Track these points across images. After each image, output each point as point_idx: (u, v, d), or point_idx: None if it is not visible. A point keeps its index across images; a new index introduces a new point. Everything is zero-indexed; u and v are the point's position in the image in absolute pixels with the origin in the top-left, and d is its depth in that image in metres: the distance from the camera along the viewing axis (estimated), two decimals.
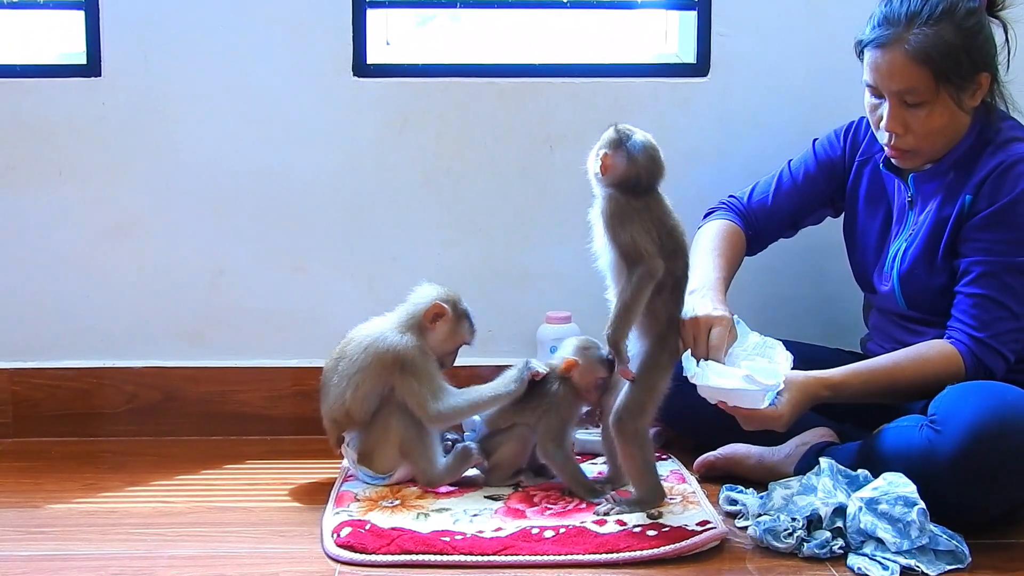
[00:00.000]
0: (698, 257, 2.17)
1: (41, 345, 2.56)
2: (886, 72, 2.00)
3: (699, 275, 2.11)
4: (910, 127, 2.03)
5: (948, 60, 1.97)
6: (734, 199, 2.35)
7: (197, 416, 2.56)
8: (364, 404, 2.15)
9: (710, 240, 2.25)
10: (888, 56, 1.99)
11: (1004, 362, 2.00)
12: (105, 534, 2.00)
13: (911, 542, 1.81)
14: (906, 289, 2.12)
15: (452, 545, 1.88)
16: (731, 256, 2.23)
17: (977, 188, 2.02)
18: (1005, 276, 1.99)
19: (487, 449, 2.17)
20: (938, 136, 2.04)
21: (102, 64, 2.49)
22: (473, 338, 2.24)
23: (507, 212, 2.57)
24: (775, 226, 2.33)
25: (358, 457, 2.16)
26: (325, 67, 2.51)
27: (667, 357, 1.99)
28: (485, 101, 2.54)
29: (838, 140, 2.28)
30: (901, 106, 2.02)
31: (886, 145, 2.08)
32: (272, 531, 2.01)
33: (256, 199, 2.55)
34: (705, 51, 2.55)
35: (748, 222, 2.31)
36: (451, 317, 2.19)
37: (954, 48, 1.97)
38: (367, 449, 2.15)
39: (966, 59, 1.98)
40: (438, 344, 2.19)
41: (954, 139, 2.06)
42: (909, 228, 2.13)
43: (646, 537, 1.89)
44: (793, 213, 2.32)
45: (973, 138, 2.05)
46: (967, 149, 2.05)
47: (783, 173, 2.32)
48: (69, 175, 2.52)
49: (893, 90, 2.01)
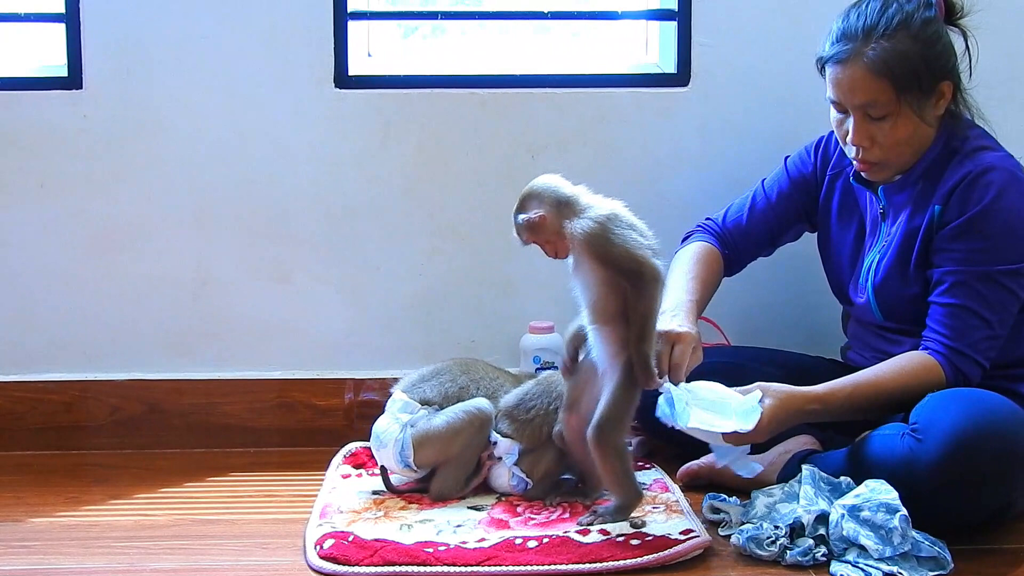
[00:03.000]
0: (672, 280, 2.19)
1: (24, 358, 2.55)
2: (847, 87, 2.01)
3: (672, 297, 2.14)
4: (876, 140, 2.04)
5: (907, 71, 1.98)
6: (710, 221, 2.36)
7: (181, 428, 2.56)
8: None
9: (686, 263, 2.26)
10: (848, 71, 2.00)
11: (980, 369, 2.01)
12: (88, 548, 1.99)
13: (893, 549, 1.82)
14: (881, 300, 2.13)
15: (435, 556, 1.87)
16: (706, 278, 2.24)
17: (946, 198, 2.03)
18: (977, 285, 2.00)
19: (528, 465, 2.13)
20: (904, 147, 2.05)
21: (83, 76, 2.49)
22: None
23: (490, 221, 2.58)
24: (752, 245, 2.34)
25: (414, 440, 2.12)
26: (307, 79, 2.52)
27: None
28: (467, 111, 2.55)
29: (809, 156, 2.29)
30: (865, 120, 2.02)
31: (854, 159, 2.09)
32: (255, 543, 2.00)
33: (239, 210, 2.55)
34: (685, 61, 2.56)
35: (725, 243, 2.33)
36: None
37: (912, 59, 1.98)
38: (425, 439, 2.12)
39: (925, 69, 1.99)
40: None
41: (921, 149, 2.07)
42: (882, 240, 2.15)
43: (629, 547, 1.90)
44: (770, 231, 2.33)
45: (940, 147, 2.07)
46: (935, 159, 2.07)
47: (757, 192, 2.34)
48: (51, 187, 2.52)
49: (856, 104, 2.02)
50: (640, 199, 2.07)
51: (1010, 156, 2.06)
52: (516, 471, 2.13)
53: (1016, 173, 2.02)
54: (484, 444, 2.15)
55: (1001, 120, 2.14)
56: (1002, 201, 1.99)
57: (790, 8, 2.54)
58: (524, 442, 2.13)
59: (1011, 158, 2.06)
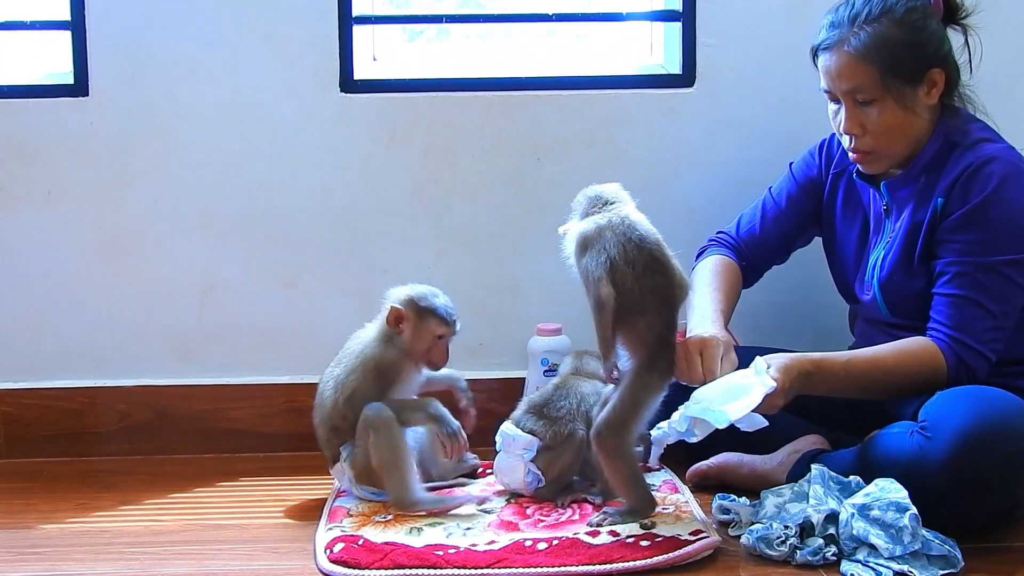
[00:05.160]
0: (696, 295, 2.19)
1: (32, 365, 2.56)
2: (835, 73, 2.05)
3: (697, 312, 2.14)
4: (866, 128, 2.07)
5: (890, 55, 2.02)
6: (723, 234, 2.37)
7: (190, 434, 2.56)
8: (354, 408, 2.14)
9: (706, 276, 2.26)
10: (835, 57, 2.05)
11: (985, 361, 2.01)
12: (98, 554, 2.00)
13: (904, 547, 1.82)
14: (887, 296, 2.13)
15: (445, 559, 1.88)
16: (728, 289, 2.25)
17: (948, 190, 2.03)
18: (979, 276, 2.00)
19: (544, 463, 2.13)
20: (895, 135, 2.07)
21: (90, 84, 2.50)
22: (451, 328, 2.18)
23: (496, 224, 2.58)
24: (767, 253, 2.34)
25: (356, 476, 2.15)
26: (312, 83, 2.52)
27: (656, 377, 1.98)
28: (473, 115, 2.55)
29: (813, 158, 2.30)
30: (855, 106, 2.06)
31: (849, 150, 2.11)
32: (265, 548, 2.01)
33: (246, 215, 2.55)
34: (690, 61, 2.56)
35: (741, 254, 2.33)
36: (413, 318, 2.16)
37: (896, 43, 2.02)
38: (361, 466, 2.14)
39: (909, 54, 2.03)
40: (412, 346, 2.17)
41: (915, 140, 2.08)
42: (887, 236, 2.15)
43: (639, 548, 1.90)
44: (783, 236, 2.33)
45: (941, 141, 2.07)
46: (936, 152, 2.07)
47: (766, 200, 2.34)
48: (58, 194, 2.53)
49: (843, 90, 2.06)
50: (646, 200, 2.08)
51: (1011, 148, 2.07)
52: (532, 468, 2.13)
53: (1018, 164, 2.03)
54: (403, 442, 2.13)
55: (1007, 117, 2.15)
56: (1004, 192, 1.99)
57: (795, 9, 2.54)
58: (546, 440, 2.13)
59: (1012, 150, 2.07)
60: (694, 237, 2.47)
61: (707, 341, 2.02)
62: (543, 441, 2.13)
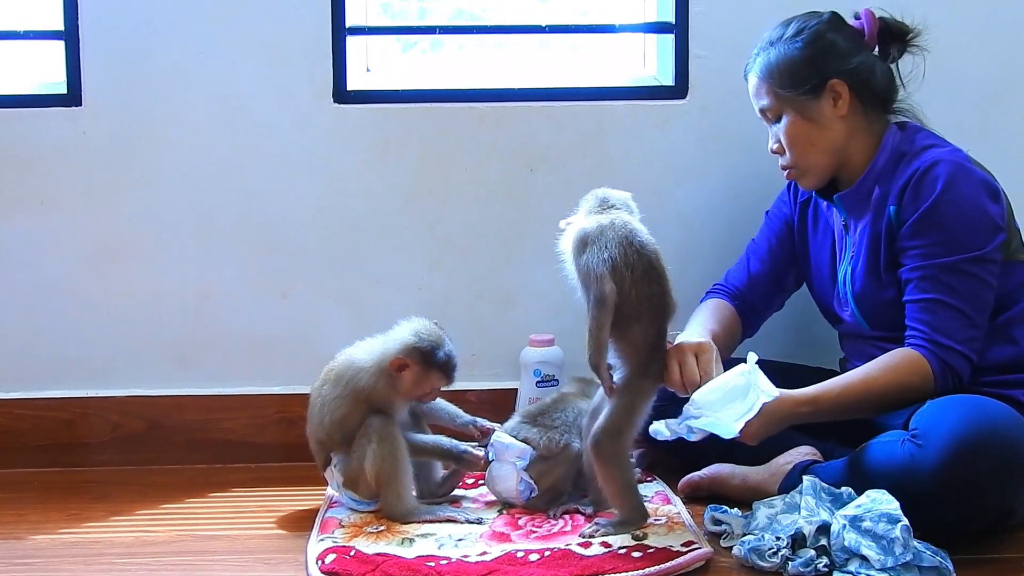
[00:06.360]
0: (688, 325, 2.22)
1: (24, 375, 2.56)
2: (751, 94, 2.18)
3: (687, 331, 2.18)
4: (782, 144, 2.16)
5: (783, 71, 2.11)
6: (717, 285, 2.39)
7: (182, 444, 2.56)
8: (341, 429, 2.14)
9: (700, 314, 2.29)
10: (748, 82, 2.19)
11: (967, 361, 2.02)
12: (89, 564, 1.99)
13: (895, 559, 1.82)
14: (863, 309, 2.15)
15: (437, 570, 1.87)
16: (721, 320, 2.28)
17: (899, 197, 2.07)
18: (943, 277, 2.03)
19: (538, 473, 2.13)
20: (803, 147, 2.14)
21: (83, 93, 2.50)
22: (450, 382, 2.19)
23: (490, 234, 2.58)
24: (762, 294, 2.36)
25: (344, 481, 2.16)
26: (306, 94, 2.52)
27: (649, 383, 2.00)
28: (466, 125, 2.56)
29: (785, 196, 2.36)
30: (771, 124, 2.17)
31: (781, 169, 2.20)
32: (257, 559, 2.00)
33: (239, 225, 2.55)
34: (683, 73, 2.57)
35: (736, 299, 2.35)
36: (417, 369, 2.15)
37: (790, 59, 2.12)
38: (352, 473, 2.14)
39: (804, 68, 2.11)
40: (406, 390, 2.17)
41: (832, 150, 2.14)
42: (850, 249, 2.18)
43: (631, 558, 1.89)
44: (776, 274, 2.36)
45: (888, 153, 2.13)
46: (885, 164, 2.12)
47: (750, 247, 2.39)
48: (51, 204, 2.53)
49: (758, 110, 2.18)
50: (639, 211, 2.08)
51: (958, 149, 2.11)
52: (525, 476, 2.13)
53: (962, 163, 2.06)
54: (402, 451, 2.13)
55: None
56: (952, 192, 2.03)
57: None
58: (540, 448, 2.13)
59: (959, 151, 2.10)
60: (686, 247, 2.48)
61: (702, 345, 2.05)
62: (537, 450, 2.13)
